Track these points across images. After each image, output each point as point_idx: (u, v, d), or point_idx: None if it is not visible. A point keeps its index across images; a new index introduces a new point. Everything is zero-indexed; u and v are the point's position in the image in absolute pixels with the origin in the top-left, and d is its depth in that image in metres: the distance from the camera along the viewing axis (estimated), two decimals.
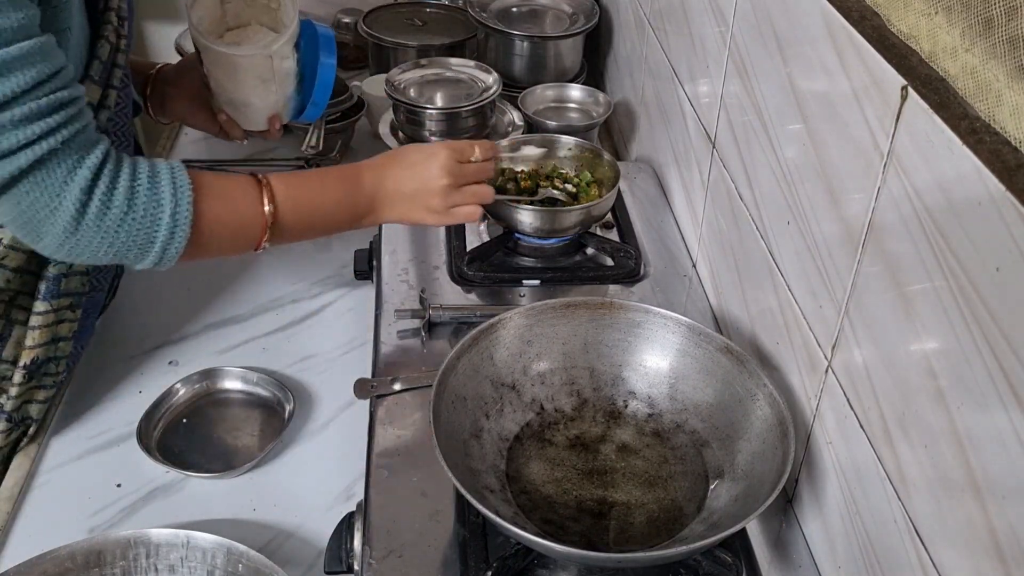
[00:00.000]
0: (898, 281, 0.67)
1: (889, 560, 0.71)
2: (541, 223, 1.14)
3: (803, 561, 0.85)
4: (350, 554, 0.83)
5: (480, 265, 1.14)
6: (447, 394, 0.84)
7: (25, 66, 0.76)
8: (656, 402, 0.92)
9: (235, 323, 1.24)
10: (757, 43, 0.93)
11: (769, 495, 0.74)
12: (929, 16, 0.65)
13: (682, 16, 1.21)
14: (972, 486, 0.59)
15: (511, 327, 0.92)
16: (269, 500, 1.01)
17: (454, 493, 0.86)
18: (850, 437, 0.76)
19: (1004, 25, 0.55)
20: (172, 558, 0.90)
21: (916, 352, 0.65)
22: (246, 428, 1.10)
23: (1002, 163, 0.55)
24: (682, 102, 1.23)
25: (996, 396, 0.56)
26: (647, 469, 0.87)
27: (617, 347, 0.94)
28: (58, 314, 1.00)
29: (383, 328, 1.06)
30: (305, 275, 1.32)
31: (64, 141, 0.79)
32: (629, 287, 1.14)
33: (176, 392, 1.12)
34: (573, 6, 1.71)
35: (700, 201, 1.16)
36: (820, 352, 0.82)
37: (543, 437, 0.90)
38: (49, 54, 0.79)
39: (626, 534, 0.81)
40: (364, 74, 1.79)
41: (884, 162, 0.68)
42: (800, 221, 0.84)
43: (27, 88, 0.76)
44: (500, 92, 1.43)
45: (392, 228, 1.22)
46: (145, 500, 1.01)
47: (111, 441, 1.07)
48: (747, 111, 0.97)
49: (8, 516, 0.98)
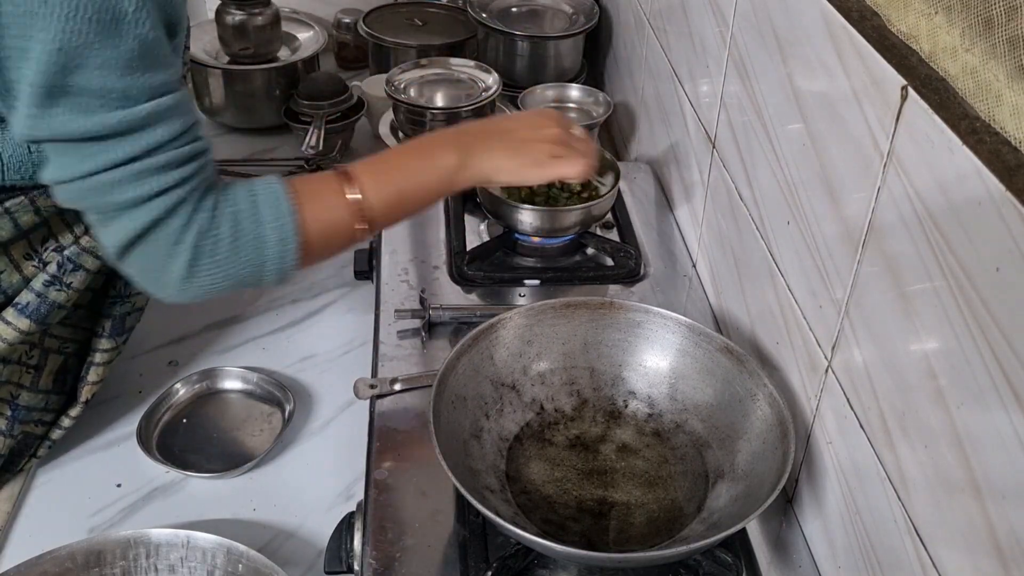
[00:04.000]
0: (898, 281, 0.67)
1: (889, 560, 0.71)
2: (541, 223, 1.14)
3: (803, 561, 0.85)
4: (350, 554, 0.83)
5: (480, 265, 1.14)
6: (447, 394, 0.84)
7: (174, 116, 0.78)
8: (656, 402, 0.92)
9: (235, 323, 1.24)
10: (757, 43, 0.93)
11: (769, 495, 0.74)
12: (929, 16, 0.65)
13: (682, 16, 1.21)
14: (972, 486, 0.59)
15: (511, 327, 0.92)
16: (269, 500, 1.01)
17: (454, 493, 0.86)
18: (850, 437, 0.76)
19: (1004, 25, 0.55)
20: (172, 558, 0.90)
21: (916, 352, 0.65)
22: (246, 428, 1.10)
23: (1002, 163, 0.55)
24: (682, 102, 1.23)
25: (996, 396, 0.56)
26: (647, 469, 0.87)
27: (617, 347, 0.94)
28: (117, 350, 1.06)
29: (383, 328, 1.06)
30: (305, 275, 1.32)
31: (192, 189, 0.80)
32: (629, 287, 1.14)
33: (176, 392, 1.12)
34: (573, 6, 1.71)
35: (700, 201, 1.16)
36: (820, 352, 0.82)
37: (543, 437, 0.90)
38: (188, 106, 0.81)
39: (626, 534, 0.81)
40: (364, 74, 1.79)
41: (884, 162, 0.68)
42: (800, 221, 0.84)
43: (173, 137, 0.78)
44: (500, 92, 1.43)
45: (392, 228, 1.22)
46: (145, 500, 1.01)
47: (111, 441, 1.07)
48: (747, 111, 0.97)
49: (8, 516, 0.98)
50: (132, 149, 0.76)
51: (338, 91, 1.60)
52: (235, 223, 0.82)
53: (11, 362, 0.99)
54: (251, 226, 0.82)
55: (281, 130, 1.66)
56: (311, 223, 0.85)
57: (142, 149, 0.76)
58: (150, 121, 0.76)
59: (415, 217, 1.02)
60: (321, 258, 0.90)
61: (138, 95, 0.75)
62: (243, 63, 1.64)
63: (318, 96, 1.59)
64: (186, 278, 0.81)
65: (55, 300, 0.96)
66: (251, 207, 0.83)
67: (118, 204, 0.77)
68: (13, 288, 0.96)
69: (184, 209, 0.80)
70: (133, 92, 0.75)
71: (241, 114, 1.67)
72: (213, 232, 0.81)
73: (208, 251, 0.81)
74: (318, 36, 1.74)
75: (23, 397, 1.01)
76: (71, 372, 1.07)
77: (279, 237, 0.83)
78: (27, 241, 0.96)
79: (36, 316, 0.96)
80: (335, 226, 0.88)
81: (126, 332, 1.06)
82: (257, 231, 0.82)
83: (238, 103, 1.65)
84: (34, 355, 1.01)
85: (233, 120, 1.68)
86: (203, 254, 0.81)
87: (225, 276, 0.82)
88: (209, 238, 0.81)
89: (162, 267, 0.81)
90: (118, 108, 0.74)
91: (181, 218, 0.79)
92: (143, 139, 0.76)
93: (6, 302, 0.96)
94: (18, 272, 0.96)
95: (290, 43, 1.74)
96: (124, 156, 0.76)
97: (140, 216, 0.78)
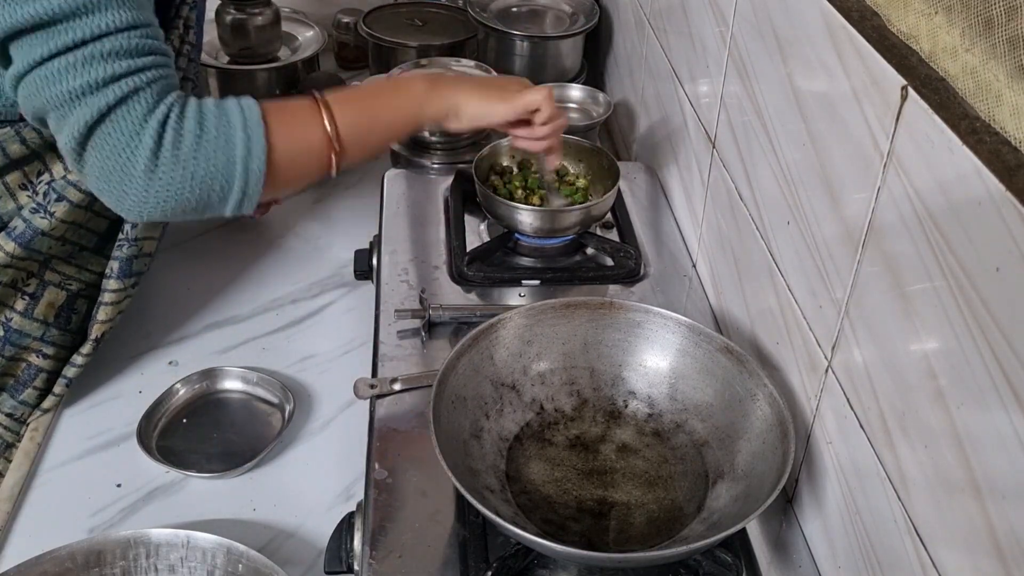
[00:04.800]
0: (898, 281, 0.67)
1: (889, 560, 0.71)
2: (541, 223, 1.14)
3: (803, 561, 0.85)
4: (350, 554, 0.83)
5: (480, 265, 1.14)
6: (447, 394, 0.84)
7: (122, 7, 0.80)
8: (656, 402, 0.92)
9: (235, 323, 1.24)
10: (757, 43, 0.93)
11: (769, 495, 0.74)
12: (929, 16, 0.65)
13: (682, 16, 1.21)
14: (972, 486, 0.59)
15: (511, 327, 0.92)
16: (269, 500, 1.01)
17: (454, 493, 0.86)
18: (850, 437, 0.76)
19: (1004, 25, 0.55)
20: (172, 558, 0.90)
21: (916, 352, 0.65)
22: (246, 428, 1.10)
23: (1002, 163, 0.55)
24: (682, 102, 1.23)
25: (996, 396, 0.56)
26: (647, 469, 0.87)
27: (617, 347, 0.94)
28: (126, 292, 1.09)
29: (383, 328, 1.06)
30: (305, 275, 1.32)
31: (148, 82, 0.82)
32: (629, 287, 1.14)
33: (176, 392, 1.12)
34: (573, 6, 1.71)
35: (700, 201, 1.16)
36: (820, 352, 0.82)
37: (543, 437, 0.90)
38: (146, 8, 0.83)
39: (626, 534, 0.81)
40: (364, 74, 1.79)
41: (884, 162, 0.68)
42: (800, 221, 0.84)
43: (121, 27, 0.80)
44: None
45: (392, 228, 1.22)
46: (145, 500, 1.01)
47: (111, 441, 1.07)
48: (747, 111, 0.97)
49: (8, 516, 0.98)
50: (77, 35, 0.78)
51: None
52: (201, 120, 0.84)
53: (4, 285, 1.03)
54: (219, 127, 0.84)
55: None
56: (281, 137, 0.87)
57: (89, 35, 0.79)
58: (96, 6, 0.78)
59: (383, 149, 1.07)
60: (288, 182, 0.91)
61: None
62: (243, 63, 1.64)
63: None
64: (149, 172, 0.81)
65: (39, 227, 0.99)
66: (219, 110, 0.85)
67: (71, 91, 0.79)
68: (8, 214, 1.00)
69: (142, 97, 0.81)
70: None
71: None
72: (177, 124, 0.82)
73: (171, 142, 0.82)
74: (318, 36, 1.74)
75: (15, 321, 1.05)
76: (77, 312, 1.10)
77: (246, 142, 0.84)
78: (22, 172, 0.99)
79: (21, 240, 0.99)
80: (305, 146, 0.89)
81: (134, 275, 1.09)
82: (226, 132, 0.84)
83: None
84: (31, 283, 1.05)
85: None
86: (166, 144, 0.82)
87: (191, 177, 0.83)
88: (171, 129, 0.82)
89: (124, 161, 0.81)
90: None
91: (142, 106, 0.81)
92: (88, 24, 0.78)
93: (1, 227, 1.00)
94: (13, 200, 0.99)
95: (290, 43, 1.74)
96: (70, 41, 0.78)
97: (93, 103, 0.80)
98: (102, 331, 1.09)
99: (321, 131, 0.89)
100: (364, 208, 1.39)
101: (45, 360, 1.09)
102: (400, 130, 1.01)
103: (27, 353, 1.08)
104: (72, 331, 1.11)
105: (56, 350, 1.09)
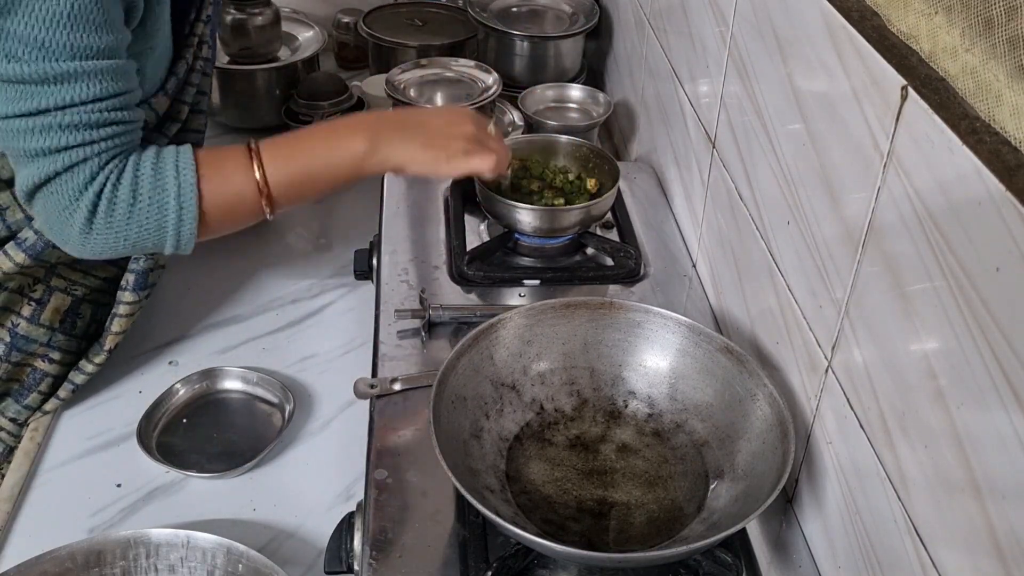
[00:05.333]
0: (898, 281, 0.67)
1: (889, 560, 0.71)
2: (541, 223, 1.14)
3: (803, 561, 0.85)
4: (350, 554, 0.83)
5: (480, 265, 1.14)
6: (447, 394, 0.84)
7: (93, 80, 0.83)
8: (656, 402, 0.92)
9: (235, 323, 1.24)
10: (757, 43, 0.93)
11: (769, 495, 0.74)
12: (929, 16, 0.65)
13: (682, 16, 1.21)
14: (972, 486, 0.59)
15: (511, 327, 0.92)
16: (269, 500, 1.01)
17: (454, 493, 0.86)
18: (850, 437, 0.76)
19: (1004, 25, 0.55)
20: (172, 558, 0.90)
21: (916, 352, 0.65)
22: (246, 428, 1.10)
23: (1002, 163, 0.55)
24: (682, 102, 1.23)
25: (996, 396, 0.56)
26: (647, 469, 0.87)
27: (617, 347, 0.94)
28: (139, 303, 1.11)
29: (383, 328, 1.06)
30: (305, 275, 1.32)
31: (97, 153, 0.86)
32: (629, 287, 1.14)
33: (176, 392, 1.12)
34: (573, 6, 1.71)
35: (700, 201, 1.16)
36: (820, 352, 0.82)
37: (543, 437, 0.90)
38: (122, 77, 0.86)
39: (626, 534, 0.81)
40: (364, 74, 1.79)
41: (884, 162, 0.68)
42: (800, 221, 0.84)
43: (86, 100, 0.84)
44: (500, 92, 1.43)
45: (392, 228, 1.22)
46: (145, 500, 1.01)
47: (111, 441, 1.07)
48: (747, 111, 0.97)
49: (8, 516, 0.98)
50: (43, 102, 0.82)
51: (338, 91, 1.60)
52: (135, 189, 0.87)
53: (11, 291, 1.04)
54: (152, 194, 0.88)
55: (281, 130, 1.64)
56: (212, 195, 0.90)
57: (53, 104, 0.82)
58: (67, 79, 0.82)
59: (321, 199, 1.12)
60: (221, 230, 0.95)
61: (58, 51, 0.81)
62: (243, 63, 1.64)
63: (318, 96, 1.59)
64: (84, 234, 0.88)
65: (49, 239, 1.00)
66: (154, 175, 0.88)
67: (25, 151, 0.84)
68: (17, 224, 1.01)
69: (85, 169, 0.85)
70: (54, 47, 0.80)
71: (241, 114, 1.67)
72: (111, 196, 0.87)
73: (104, 213, 0.87)
74: (318, 36, 1.74)
75: (22, 327, 1.06)
76: (82, 317, 1.11)
77: (178, 210, 0.88)
78: None
79: (32, 252, 1.01)
80: (236, 200, 0.92)
81: (148, 287, 1.11)
82: (159, 200, 0.88)
83: (238, 103, 1.65)
84: (37, 289, 1.07)
85: (233, 120, 1.68)
86: (99, 215, 0.87)
87: (124, 238, 0.89)
88: (105, 200, 0.86)
89: (62, 221, 0.87)
90: (39, 59, 0.80)
91: (82, 177, 0.85)
92: (56, 95, 0.82)
93: (9, 236, 1.02)
94: (22, 211, 1.01)
95: (290, 43, 1.74)
96: (35, 107, 0.82)
97: (43, 166, 0.84)
98: (115, 342, 1.10)
99: (251, 180, 0.92)
100: (364, 208, 1.39)
101: (51, 365, 1.09)
102: (338, 184, 1.00)
103: (33, 358, 1.09)
104: (77, 336, 1.11)
105: (62, 355, 1.10)
